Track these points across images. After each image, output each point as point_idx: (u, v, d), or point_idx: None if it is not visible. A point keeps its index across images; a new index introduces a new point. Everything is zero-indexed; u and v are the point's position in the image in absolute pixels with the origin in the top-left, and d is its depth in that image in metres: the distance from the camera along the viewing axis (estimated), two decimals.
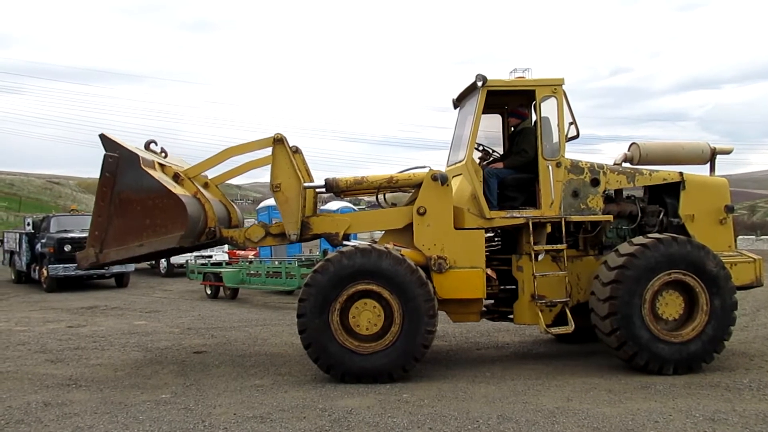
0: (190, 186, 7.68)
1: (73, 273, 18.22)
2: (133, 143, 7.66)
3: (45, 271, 18.43)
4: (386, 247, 7.19)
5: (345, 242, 7.85)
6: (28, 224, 20.89)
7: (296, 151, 7.97)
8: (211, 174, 8.25)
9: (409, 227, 7.59)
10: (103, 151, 7.29)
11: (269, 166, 7.66)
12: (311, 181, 8.11)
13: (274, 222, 8.47)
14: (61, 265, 18.07)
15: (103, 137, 7.36)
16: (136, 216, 7.16)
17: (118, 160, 7.18)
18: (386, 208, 8.06)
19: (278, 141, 7.59)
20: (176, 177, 7.69)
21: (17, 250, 20.95)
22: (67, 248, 18.16)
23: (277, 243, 7.94)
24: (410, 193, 8.06)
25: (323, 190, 7.98)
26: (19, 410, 6.12)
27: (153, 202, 7.15)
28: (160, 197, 7.15)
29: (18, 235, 21.05)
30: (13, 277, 21.82)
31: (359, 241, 8.57)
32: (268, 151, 7.72)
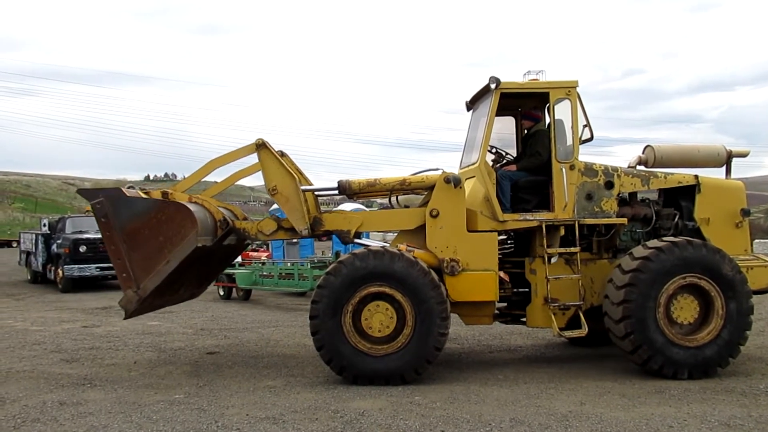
0: (182, 197, 7.77)
1: (88, 273, 18.39)
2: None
3: (60, 272, 18.61)
4: (399, 250, 7.20)
5: (356, 240, 7.86)
6: (44, 225, 21.10)
7: (282, 155, 7.99)
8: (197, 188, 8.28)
9: (421, 228, 7.59)
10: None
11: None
12: (306, 180, 8.12)
13: None
14: (77, 266, 18.24)
15: (80, 191, 7.65)
16: (148, 240, 7.20)
17: (104, 202, 7.26)
18: (399, 209, 8.07)
19: (261, 146, 7.61)
20: (165, 194, 7.79)
21: (33, 250, 21.16)
22: (83, 249, 18.33)
23: (289, 237, 7.97)
24: (422, 196, 8.06)
25: (336, 192, 8.00)
26: (35, 409, 6.18)
27: (156, 219, 7.21)
28: (160, 211, 7.24)
29: (34, 235, 21.26)
30: (29, 278, 22.04)
31: (372, 241, 8.57)
32: (254, 158, 7.71)
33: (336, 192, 7.98)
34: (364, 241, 8.37)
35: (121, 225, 7.25)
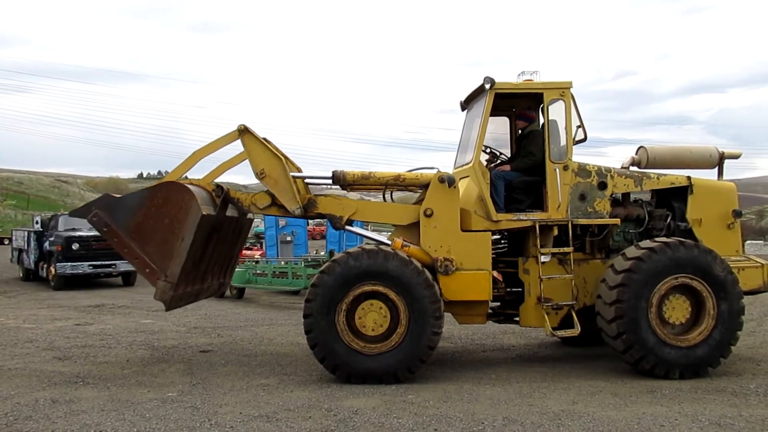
0: None
1: (80, 271, 18.34)
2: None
3: (53, 269, 18.54)
4: (394, 245, 7.20)
5: (347, 228, 7.84)
6: (37, 222, 21.01)
7: (267, 141, 7.95)
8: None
9: (415, 225, 7.59)
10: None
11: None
12: (294, 166, 8.09)
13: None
14: (69, 263, 18.18)
15: (72, 213, 7.98)
16: (155, 227, 7.23)
17: (99, 213, 7.29)
18: (394, 203, 8.05)
19: (243, 131, 7.60)
20: None
21: (25, 248, 21.07)
22: (75, 246, 18.28)
23: (282, 214, 7.90)
24: (416, 196, 8.07)
25: (330, 181, 7.96)
26: (28, 407, 6.16)
27: (154, 206, 7.24)
28: (154, 197, 7.28)
29: (26, 233, 21.16)
30: (21, 275, 21.94)
31: (364, 230, 8.51)
32: (240, 147, 7.67)
33: (330, 181, 7.95)
34: (355, 228, 8.29)
35: (124, 226, 7.27)
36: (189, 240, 7.11)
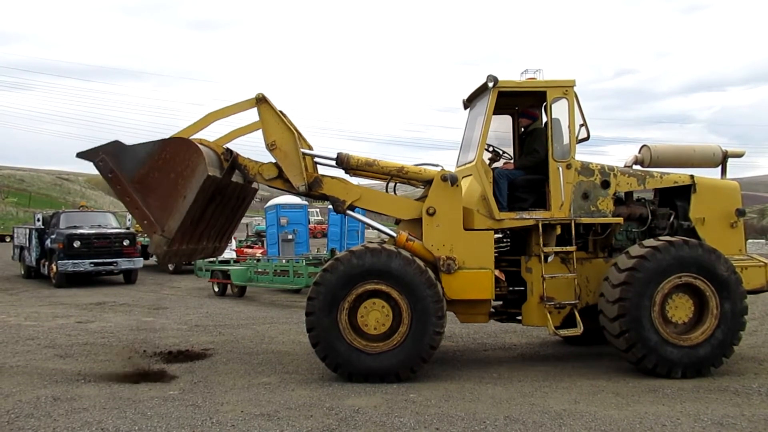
0: None
1: (82, 269, 18.35)
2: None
3: (54, 267, 18.53)
4: (398, 240, 7.26)
5: (349, 212, 7.79)
6: (38, 220, 21.01)
7: (283, 114, 7.89)
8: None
9: (417, 220, 7.55)
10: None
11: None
12: (306, 143, 8.02)
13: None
14: (70, 261, 18.18)
15: (79, 155, 7.61)
16: (160, 181, 7.19)
17: (106, 158, 7.25)
18: (399, 196, 8.01)
19: (261, 100, 7.51)
20: None
21: (27, 245, 21.07)
22: (76, 244, 18.29)
23: (286, 188, 7.79)
24: (418, 191, 8.04)
25: (334, 163, 7.90)
26: (29, 404, 6.16)
27: (161, 159, 7.20)
28: (163, 150, 7.23)
29: (28, 230, 21.16)
30: (22, 272, 21.93)
31: (362, 217, 8.47)
32: (254, 117, 7.60)
33: (334, 163, 7.87)
34: (356, 215, 8.22)
35: (129, 175, 7.23)
36: (191, 198, 7.07)
